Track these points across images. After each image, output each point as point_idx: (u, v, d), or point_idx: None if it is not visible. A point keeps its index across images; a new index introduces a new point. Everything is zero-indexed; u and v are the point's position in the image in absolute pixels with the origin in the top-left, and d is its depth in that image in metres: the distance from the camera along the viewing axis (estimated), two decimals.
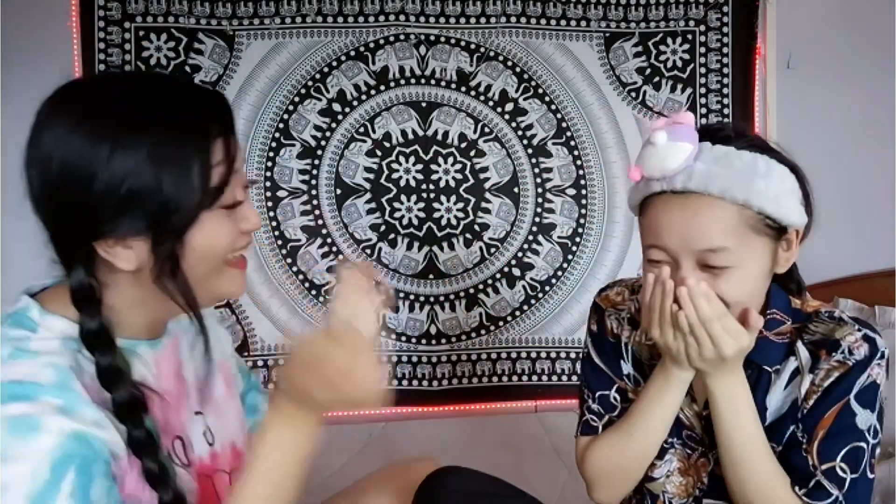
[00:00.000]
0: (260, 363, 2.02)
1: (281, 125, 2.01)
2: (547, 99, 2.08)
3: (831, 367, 0.85)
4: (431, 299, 2.07)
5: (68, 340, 0.67)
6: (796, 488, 0.85)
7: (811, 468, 0.85)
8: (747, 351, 0.83)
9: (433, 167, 2.05)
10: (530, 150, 2.08)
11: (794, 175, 0.83)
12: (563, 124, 2.08)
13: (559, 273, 2.10)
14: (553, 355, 2.11)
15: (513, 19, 2.06)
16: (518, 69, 2.07)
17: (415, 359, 2.07)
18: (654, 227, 0.84)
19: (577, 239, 2.10)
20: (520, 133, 2.07)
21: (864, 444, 0.84)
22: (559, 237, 2.10)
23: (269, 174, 2.01)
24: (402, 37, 2.03)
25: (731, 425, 0.85)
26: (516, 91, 2.07)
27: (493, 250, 2.09)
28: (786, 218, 0.81)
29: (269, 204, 2.01)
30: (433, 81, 2.05)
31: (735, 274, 0.80)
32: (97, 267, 0.69)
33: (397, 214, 2.05)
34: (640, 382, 0.98)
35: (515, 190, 2.08)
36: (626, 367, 1.00)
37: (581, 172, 2.09)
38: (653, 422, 0.91)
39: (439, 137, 2.05)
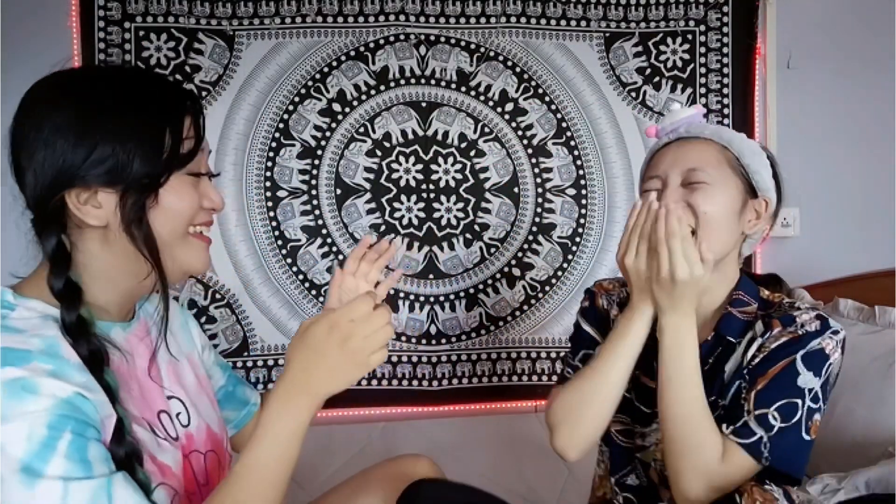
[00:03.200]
0: (260, 363, 2.02)
1: (281, 125, 2.01)
2: (547, 99, 2.08)
3: (782, 335, 0.92)
4: (431, 299, 2.07)
5: (47, 318, 0.70)
6: (724, 426, 0.90)
7: (745, 412, 0.89)
8: (698, 285, 0.89)
9: (433, 167, 2.05)
10: (530, 150, 2.08)
11: (769, 160, 1.01)
12: (563, 124, 2.08)
13: (559, 273, 2.10)
14: (553, 355, 2.11)
15: (513, 19, 2.06)
16: (518, 69, 2.07)
17: (415, 359, 2.07)
18: (655, 163, 1.02)
19: (577, 239, 2.10)
20: (520, 133, 2.07)
21: (800, 402, 0.88)
22: (559, 237, 2.10)
23: (269, 174, 2.01)
24: (402, 37, 2.04)
25: (674, 364, 0.91)
26: (516, 91, 2.07)
27: (493, 250, 2.08)
28: (756, 174, 0.98)
29: (269, 204, 2.01)
30: (433, 81, 2.05)
31: (709, 191, 0.95)
32: (69, 228, 0.74)
33: (397, 214, 2.05)
34: None
35: (515, 190, 2.08)
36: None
37: (581, 172, 2.09)
38: (614, 357, 0.96)
39: (439, 137, 2.05)
